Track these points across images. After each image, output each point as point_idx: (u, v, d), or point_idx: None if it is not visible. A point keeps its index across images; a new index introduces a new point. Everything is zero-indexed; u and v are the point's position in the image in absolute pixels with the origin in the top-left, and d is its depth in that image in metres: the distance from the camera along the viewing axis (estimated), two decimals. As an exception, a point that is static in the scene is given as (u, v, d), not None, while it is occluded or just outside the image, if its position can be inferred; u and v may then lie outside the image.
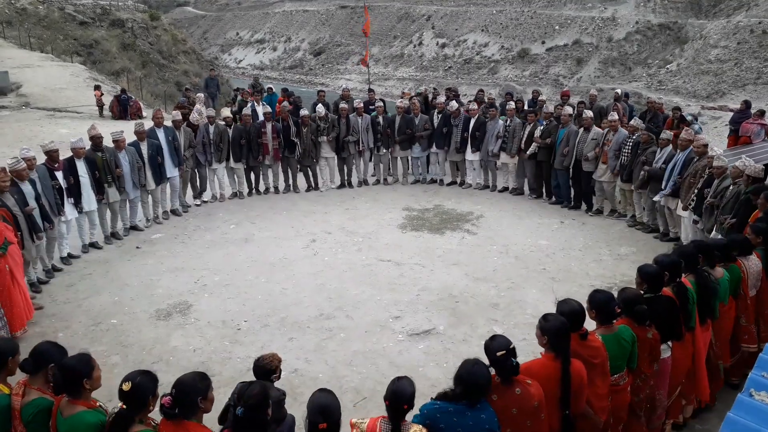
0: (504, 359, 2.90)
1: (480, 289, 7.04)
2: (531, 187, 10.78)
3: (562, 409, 3.15)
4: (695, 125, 9.94)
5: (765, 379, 3.35)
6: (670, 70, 31.44)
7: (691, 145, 7.89)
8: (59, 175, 7.34)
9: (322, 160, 11.11)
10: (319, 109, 10.79)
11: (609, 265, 7.75)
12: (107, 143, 8.30)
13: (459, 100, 12.13)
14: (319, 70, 52.47)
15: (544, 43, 39.53)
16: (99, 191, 8.02)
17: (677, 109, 11.38)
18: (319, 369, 5.41)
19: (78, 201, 7.68)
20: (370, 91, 14.47)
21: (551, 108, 10.68)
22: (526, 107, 11.82)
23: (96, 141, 8.03)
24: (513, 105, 10.82)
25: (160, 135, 9.18)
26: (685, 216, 7.82)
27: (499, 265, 7.77)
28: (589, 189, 9.81)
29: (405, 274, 7.47)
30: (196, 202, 10.32)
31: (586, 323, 3.45)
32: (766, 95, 25.38)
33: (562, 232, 9.02)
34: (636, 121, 9.12)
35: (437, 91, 13.99)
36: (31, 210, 6.41)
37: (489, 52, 42.09)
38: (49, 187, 7.06)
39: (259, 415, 2.67)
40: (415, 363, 5.49)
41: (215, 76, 17.89)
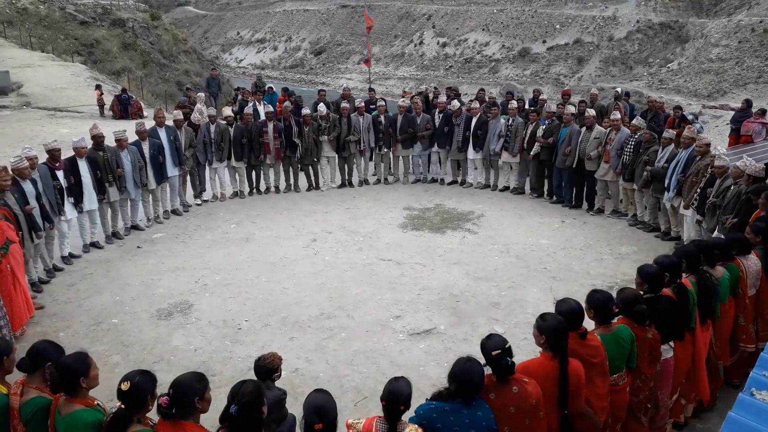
0: (499, 358, 2.90)
1: (481, 288, 7.03)
2: (532, 187, 10.79)
3: (560, 408, 3.14)
4: (696, 124, 9.93)
5: (766, 378, 3.34)
6: (671, 69, 31.41)
7: (693, 143, 7.89)
8: (60, 174, 7.34)
9: (323, 160, 11.12)
10: (321, 108, 10.79)
11: (610, 265, 7.75)
12: (109, 142, 8.31)
13: (460, 99, 12.13)
14: (319, 69, 52.49)
15: (545, 42, 39.52)
16: (100, 191, 8.03)
17: (678, 108, 11.37)
18: (319, 368, 5.41)
19: (78, 201, 7.68)
20: (371, 90, 14.47)
21: (553, 107, 10.68)
22: (527, 106, 11.81)
23: (98, 140, 8.04)
24: (515, 104, 10.82)
25: (162, 134, 9.19)
26: (688, 215, 7.82)
27: (500, 264, 7.77)
28: (592, 188, 9.81)
29: (406, 273, 7.47)
30: (196, 202, 10.33)
31: (586, 323, 3.45)
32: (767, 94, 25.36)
33: (562, 231, 9.02)
34: (638, 121, 9.11)
35: (438, 90, 13.98)
36: (30, 209, 6.41)
37: (490, 52, 42.08)
38: (50, 186, 7.07)
39: (253, 413, 2.68)
40: (416, 362, 5.49)
41: (216, 75, 17.88)
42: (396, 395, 2.74)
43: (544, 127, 10.05)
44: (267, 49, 60.80)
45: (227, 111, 10.61)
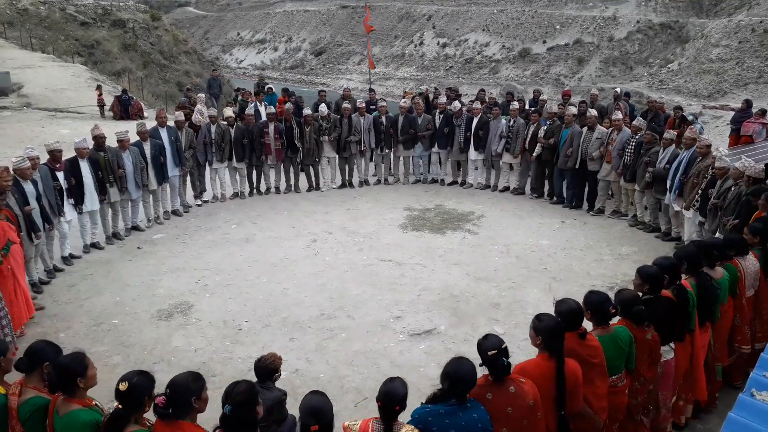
0: (495, 358, 2.91)
1: (481, 288, 7.04)
2: (532, 187, 10.78)
3: (557, 409, 3.14)
4: (697, 124, 9.93)
5: (766, 379, 3.34)
6: (671, 69, 31.39)
7: (695, 144, 7.88)
8: (60, 175, 7.35)
9: (323, 160, 11.13)
10: (322, 109, 10.81)
11: (610, 265, 7.75)
12: (110, 143, 8.31)
13: (461, 100, 12.13)
14: (320, 70, 52.49)
15: (545, 42, 39.50)
16: (101, 191, 8.04)
17: (679, 109, 11.37)
18: (320, 369, 5.41)
19: (78, 201, 7.68)
20: (371, 90, 14.48)
21: (555, 107, 10.67)
22: (527, 107, 11.82)
23: (99, 141, 8.05)
24: (517, 105, 10.82)
25: (163, 135, 9.21)
26: (689, 216, 7.81)
27: (500, 264, 7.77)
28: (594, 189, 9.80)
29: (406, 274, 7.47)
30: (196, 202, 10.33)
31: (586, 323, 3.45)
32: (768, 94, 25.35)
33: (563, 231, 9.02)
34: (638, 121, 9.11)
35: (438, 91, 13.99)
36: (30, 210, 6.41)
37: (490, 52, 42.07)
38: (51, 187, 7.06)
39: (247, 413, 2.69)
40: (416, 363, 5.49)
41: (217, 76, 17.87)
42: (391, 396, 2.75)
43: (545, 127, 10.05)
44: (267, 50, 60.80)
45: (228, 112, 10.62)
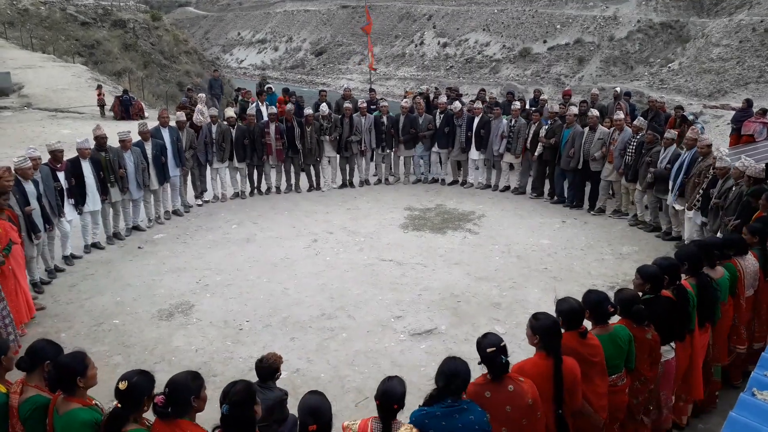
0: (494, 356, 2.93)
1: (482, 288, 7.04)
2: (533, 187, 10.78)
3: (555, 407, 3.15)
4: (698, 124, 9.92)
5: (767, 378, 3.34)
6: (671, 68, 31.37)
7: (696, 144, 7.87)
8: (61, 175, 7.35)
9: (324, 160, 11.13)
10: (323, 108, 10.80)
11: (611, 265, 7.75)
12: (111, 143, 8.31)
13: (461, 100, 12.13)
14: (320, 69, 52.49)
15: (545, 42, 39.48)
16: (103, 191, 8.04)
17: (680, 108, 11.36)
18: (320, 369, 5.41)
19: (79, 202, 7.68)
20: (372, 90, 14.48)
21: (555, 107, 10.67)
22: (528, 106, 11.81)
23: (100, 141, 8.04)
24: (518, 105, 10.81)
25: (165, 135, 9.21)
26: (690, 216, 7.80)
27: (501, 264, 7.77)
28: (596, 188, 9.79)
29: (407, 273, 7.47)
30: (197, 202, 10.34)
31: (586, 323, 3.45)
32: (769, 94, 25.32)
33: (563, 231, 9.02)
34: (639, 121, 9.11)
35: (439, 90, 13.98)
36: (30, 210, 6.41)
37: (490, 52, 42.06)
38: (51, 187, 7.06)
39: (244, 412, 2.69)
40: (417, 363, 5.50)
41: (218, 77, 17.84)
42: (389, 394, 2.76)
43: (547, 127, 10.05)
44: (268, 50, 60.81)
45: (230, 112, 10.61)
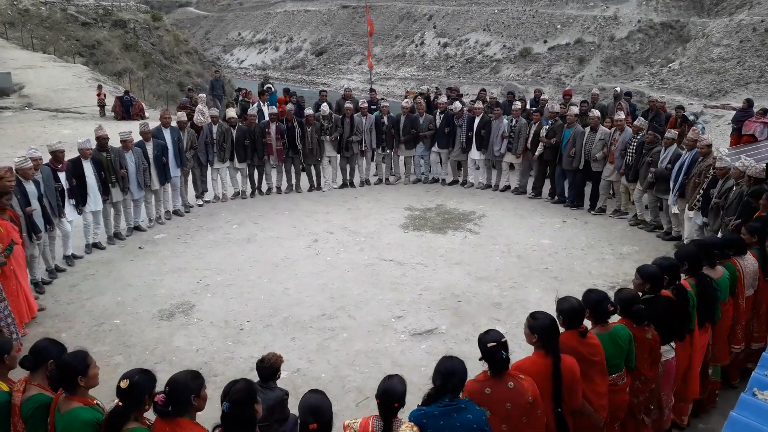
0: (494, 351, 2.94)
1: (482, 288, 7.04)
2: (534, 186, 10.78)
3: (555, 406, 3.15)
4: (698, 124, 9.91)
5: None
6: (672, 68, 31.36)
7: (697, 144, 7.87)
8: (62, 176, 7.35)
9: (324, 160, 11.13)
10: (324, 108, 10.81)
11: (611, 264, 7.75)
12: (113, 143, 8.32)
13: (462, 100, 12.12)
14: (320, 70, 52.49)
15: (546, 42, 39.47)
16: (104, 191, 8.05)
17: (680, 108, 11.34)
18: (321, 369, 5.42)
19: (80, 202, 7.69)
20: (372, 90, 14.48)
21: (556, 107, 10.66)
22: (528, 106, 11.81)
23: (102, 141, 8.05)
24: (519, 105, 10.80)
25: (167, 135, 9.23)
26: (690, 216, 7.80)
27: (502, 264, 7.77)
28: (597, 188, 9.79)
29: (407, 273, 7.47)
30: (198, 203, 10.34)
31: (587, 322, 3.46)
32: (769, 93, 25.30)
33: (564, 231, 9.02)
34: (640, 121, 9.10)
35: (439, 90, 13.98)
36: (31, 211, 6.42)
37: (491, 52, 42.05)
38: (52, 188, 7.06)
39: (245, 411, 2.70)
40: (418, 363, 5.50)
41: (220, 77, 17.81)
42: (390, 393, 2.77)
43: (547, 127, 10.04)
44: (268, 50, 60.80)
45: (231, 113, 10.61)
